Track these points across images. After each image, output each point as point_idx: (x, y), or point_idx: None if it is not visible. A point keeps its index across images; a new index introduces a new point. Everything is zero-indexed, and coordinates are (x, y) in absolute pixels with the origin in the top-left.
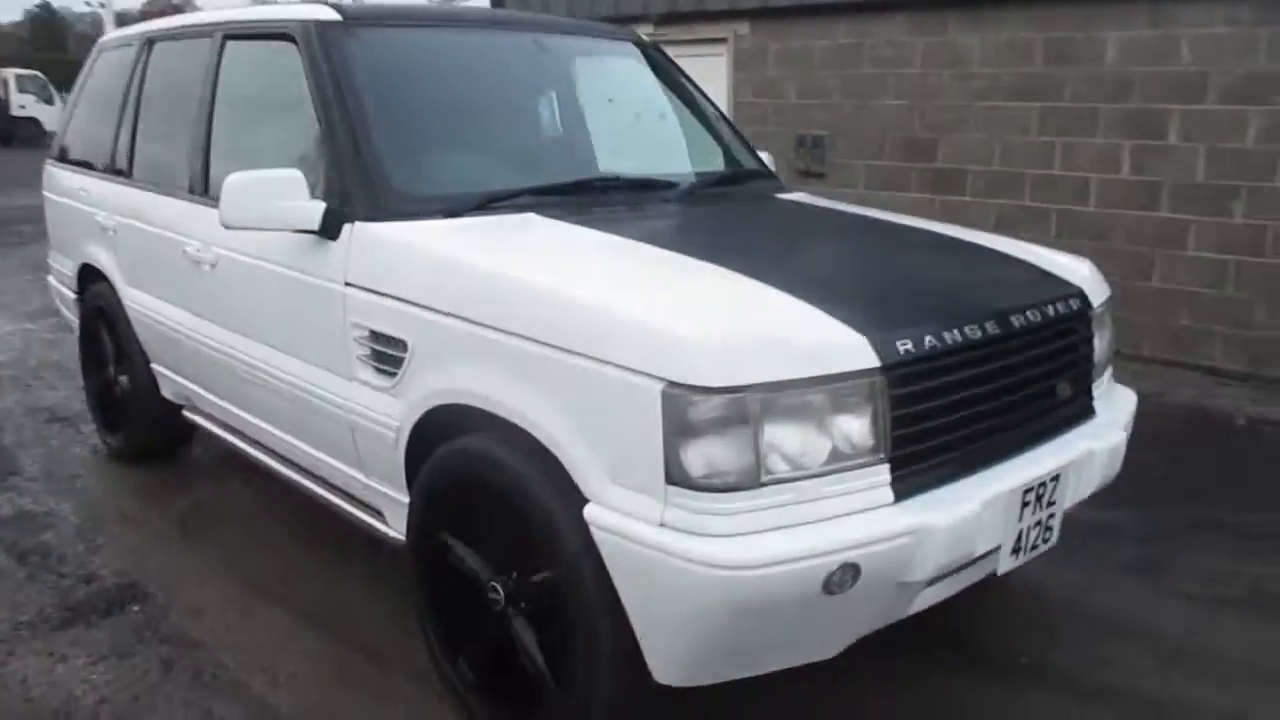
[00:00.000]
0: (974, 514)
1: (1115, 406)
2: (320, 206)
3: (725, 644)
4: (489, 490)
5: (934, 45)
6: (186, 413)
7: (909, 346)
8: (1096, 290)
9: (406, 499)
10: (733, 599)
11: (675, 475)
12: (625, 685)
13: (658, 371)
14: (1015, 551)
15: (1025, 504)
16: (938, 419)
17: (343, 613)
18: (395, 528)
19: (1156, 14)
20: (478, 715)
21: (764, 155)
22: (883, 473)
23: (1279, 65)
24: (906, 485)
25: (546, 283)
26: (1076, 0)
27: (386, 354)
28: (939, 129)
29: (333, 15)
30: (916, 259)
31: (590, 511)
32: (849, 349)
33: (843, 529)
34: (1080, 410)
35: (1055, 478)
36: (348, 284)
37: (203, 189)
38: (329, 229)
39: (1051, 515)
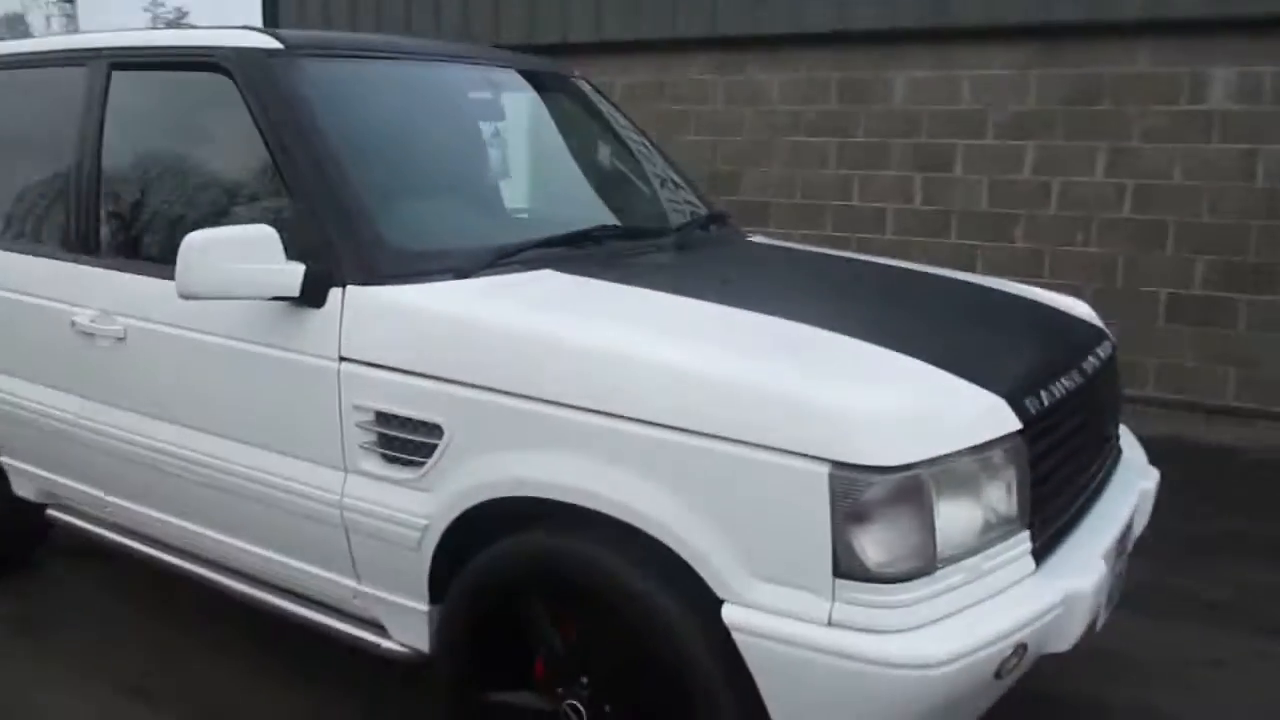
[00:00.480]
0: (1105, 573)
1: (1128, 443)
2: (300, 269)
3: None
4: (575, 596)
5: (735, 83)
6: (52, 512)
7: (1037, 403)
8: (1106, 329)
9: (425, 607)
10: (918, 700)
11: (845, 567)
12: None
13: (821, 452)
14: (1108, 604)
15: (1117, 554)
16: (1055, 477)
17: (229, 701)
18: (405, 640)
19: (939, 57)
20: None
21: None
22: (1024, 540)
23: (1048, 103)
24: (1039, 550)
25: (654, 355)
26: (867, 43)
27: (405, 440)
28: (742, 163)
29: (272, 43)
30: (969, 309)
31: (731, 614)
32: (995, 413)
33: (1013, 608)
34: (1118, 451)
35: (1130, 523)
36: (344, 359)
37: (93, 247)
38: (311, 295)
39: (1125, 562)
